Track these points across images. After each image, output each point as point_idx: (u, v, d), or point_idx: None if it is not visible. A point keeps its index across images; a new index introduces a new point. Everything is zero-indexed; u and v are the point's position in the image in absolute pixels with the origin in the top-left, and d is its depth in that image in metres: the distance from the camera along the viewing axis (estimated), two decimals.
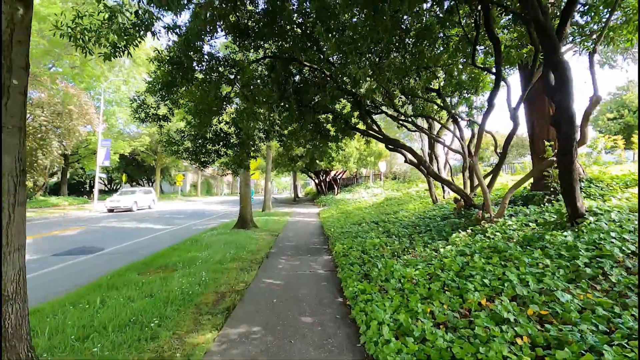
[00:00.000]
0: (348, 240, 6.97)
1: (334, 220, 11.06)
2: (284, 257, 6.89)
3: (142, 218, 16.52)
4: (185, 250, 7.47)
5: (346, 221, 10.08)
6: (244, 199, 10.75)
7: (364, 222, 9.20)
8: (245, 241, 8.37)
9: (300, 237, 9.34)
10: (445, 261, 4.20)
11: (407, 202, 11.01)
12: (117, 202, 20.74)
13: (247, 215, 10.61)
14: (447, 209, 8.03)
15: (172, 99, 6.17)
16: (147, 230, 12.09)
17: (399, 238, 6.41)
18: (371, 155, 21.91)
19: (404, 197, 12.40)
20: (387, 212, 9.90)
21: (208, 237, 9.02)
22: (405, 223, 7.68)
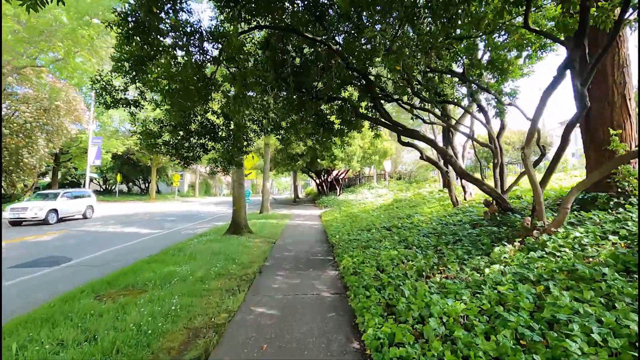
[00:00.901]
0: (358, 252, 5.78)
1: (339, 224, 9.87)
2: (280, 272, 5.69)
3: (128, 221, 15.34)
4: (164, 262, 6.29)
5: (352, 226, 8.89)
6: (237, 200, 9.56)
7: (374, 227, 8.01)
8: (236, 250, 7.18)
9: (300, 245, 8.15)
10: (501, 290, 3.01)
11: (420, 205, 9.83)
12: (22, 211, 13.36)
13: (240, 219, 9.42)
14: (473, 213, 6.84)
15: (143, 79, 4.99)
16: (131, 235, 10.91)
17: (421, 250, 5.22)
18: (376, 154, 20.71)
19: (416, 199, 11.21)
20: (399, 216, 8.70)
21: (194, 245, 7.84)
22: (424, 230, 6.48)
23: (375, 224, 8.40)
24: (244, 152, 7.37)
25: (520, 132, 18.64)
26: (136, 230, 12.20)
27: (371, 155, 20.69)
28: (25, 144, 19.69)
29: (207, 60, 5.45)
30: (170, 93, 5.03)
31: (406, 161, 32.23)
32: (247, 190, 15.51)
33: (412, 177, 24.14)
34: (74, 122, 24.04)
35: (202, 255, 6.75)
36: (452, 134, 8.47)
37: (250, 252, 7.24)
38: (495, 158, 6.41)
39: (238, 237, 8.87)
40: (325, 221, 12.23)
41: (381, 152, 20.62)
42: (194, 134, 6.80)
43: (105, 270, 6.20)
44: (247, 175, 15.39)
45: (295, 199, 32.76)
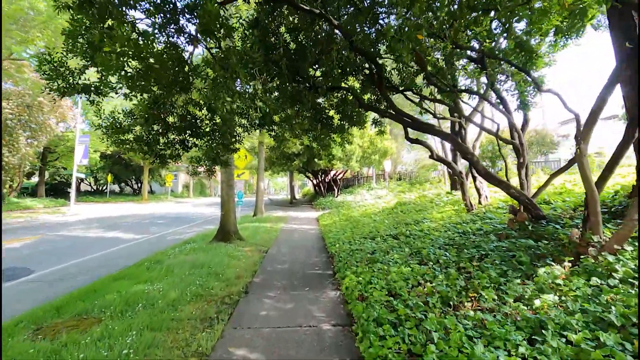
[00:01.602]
0: (363, 268, 4.87)
1: (338, 230, 8.96)
2: (271, 292, 4.77)
3: (113, 224, 14.35)
4: (134, 278, 5.36)
5: (354, 233, 7.98)
6: (225, 203, 8.62)
7: (378, 235, 7.11)
8: (221, 262, 6.25)
9: (295, 255, 7.23)
10: (574, 340, 2.12)
11: (427, 209, 8.95)
12: None
13: (229, 225, 8.48)
14: (495, 220, 5.96)
15: (101, 60, 4.04)
16: (111, 241, 9.95)
17: (441, 268, 4.32)
18: (376, 153, 19.82)
19: (421, 202, 10.34)
20: (406, 222, 7.81)
21: (175, 255, 6.90)
22: (439, 240, 5.58)
23: (380, 230, 7.50)
24: (231, 150, 6.44)
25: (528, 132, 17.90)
26: (118, 235, 11.24)
27: (371, 154, 19.80)
28: (6, 142, 18.62)
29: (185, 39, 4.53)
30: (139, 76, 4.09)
31: (406, 161, 31.40)
32: (239, 191, 14.58)
33: (412, 178, 23.31)
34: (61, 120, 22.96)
35: (181, 268, 5.82)
36: (464, 131, 7.60)
37: (238, 264, 6.31)
38: (520, 157, 5.52)
39: (226, 245, 7.94)
40: (323, 225, 11.32)
41: (381, 152, 19.74)
42: (172, 129, 5.86)
43: (66, 288, 5.27)
44: (240, 175, 14.49)
45: (292, 200, 31.81)
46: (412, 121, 5.10)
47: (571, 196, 5.80)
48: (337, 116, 7.96)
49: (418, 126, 5.16)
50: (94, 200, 32.82)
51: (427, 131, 5.24)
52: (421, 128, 5.18)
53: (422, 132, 5.42)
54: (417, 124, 5.12)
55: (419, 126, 5.15)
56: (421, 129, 5.20)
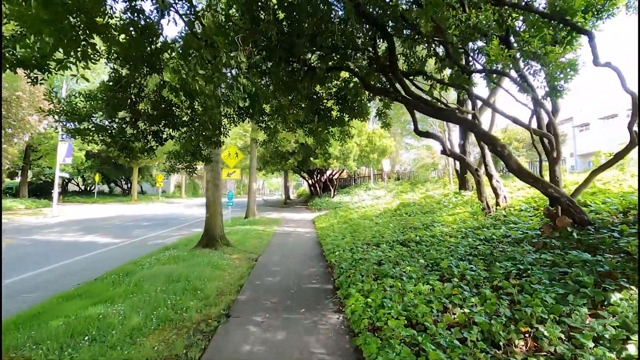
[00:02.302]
0: (370, 283, 4.00)
1: (336, 234, 8.08)
2: (258, 315, 3.88)
3: (94, 227, 13.32)
4: (93, 296, 4.43)
5: (355, 238, 7.10)
6: (211, 205, 7.69)
7: (383, 241, 6.24)
8: (202, 275, 5.34)
9: (289, 264, 6.34)
10: None
11: (435, 210, 8.11)
12: None
13: (215, 229, 7.55)
14: (520, 224, 5.13)
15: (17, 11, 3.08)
16: (85, 246, 8.96)
17: (470, 287, 3.46)
18: (374, 152, 18.97)
19: (427, 203, 9.50)
20: (413, 226, 6.95)
21: (150, 266, 5.98)
22: (459, 249, 4.72)
23: (385, 235, 6.63)
24: (213, 144, 5.53)
25: None
26: (96, 240, 10.25)
27: (369, 153, 18.95)
28: None
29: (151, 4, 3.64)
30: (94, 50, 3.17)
31: (404, 161, 30.58)
32: (230, 191, 13.67)
33: (411, 178, 22.54)
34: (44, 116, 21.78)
35: (153, 283, 4.89)
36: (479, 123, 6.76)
37: (222, 277, 5.40)
38: (553, 150, 4.69)
39: (210, 252, 7.01)
40: (319, 228, 10.43)
41: (380, 150, 18.89)
42: (143, 117, 4.94)
43: (11, 308, 4.31)
44: (230, 174, 13.57)
45: (286, 200, 30.88)
46: (429, 107, 4.24)
47: (612, 197, 4.98)
48: (336, 107, 7.11)
49: (436, 113, 4.31)
50: (80, 201, 31.59)
51: (447, 118, 4.39)
52: (440, 114, 4.32)
53: (441, 119, 4.58)
54: (436, 110, 4.27)
55: (437, 113, 4.30)
56: (440, 115, 4.35)
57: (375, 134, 19.05)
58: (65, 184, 39.39)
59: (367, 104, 6.83)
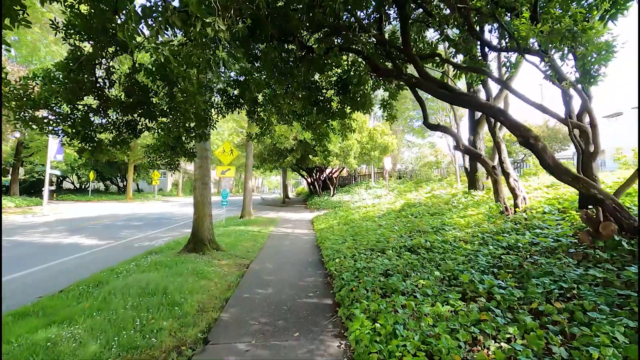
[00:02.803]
0: (377, 301, 3.34)
1: (336, 237, 7.42)
2: (242, 342, 3.21)
3: (81, 227, 12.64)
4: (51, 313, 3.78)
5: (357, 242, 6.44)
6: (199, 206, 7.01)
7: (389, 246, 5.57)
8: (183, 285, 4.67)
9: (283, 272, 5.68)
10: None
11: (444, 212, 7.45)
12: None
13: (203, 232, 6.88)
14: (548, 229, 4.47)
15: None
16: (66, 249, 8.30)
17: (503, 312, 2.80)
18: (375, 149, 18.29)
19: (433, 203, 8.84)
20: (422, 229, 6.28)
21: (127, 273, 5.32)
22: (479, 259, 4.06)
23: (390, 240, 5.97)
24: (197, 137, 4.87)
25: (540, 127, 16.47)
26: (80, 241, 9.58)
27: (370, 150, 18.26)
28: None
29: None
30: None
31: (406, 159, 29.85)
32: (225, 190, 13.02)
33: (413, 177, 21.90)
34: None
35: (125, 296, 4.24)
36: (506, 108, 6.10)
37: (206, 288, 4.74)
38: (589, 145, 4.02)
39: (197, 257, 6.35)
40: (318, 230, 9.77)
41: (381, 148, 18.21)
42: (114, 105, 4.27)
43: None
44: (225, 172, 12.91)
45: (285, 199, 30.21)
46: (446, 90, 3.57)
47: None
48: (336, 98, 6.44)
49: (455, 97, 3.63)
50: (74, 199, 30.87)
51: (467, 104, 3.72)
52: (458, 99, 3.65)
53: (459, 104, 3.92)
54: (454, 95, 3.59)
55: (456, 97, 3.63)
56: (458, 100, 3.67)
57: (377, 130, 18.38)
58: (60, 181, 38.69)
59: (370, 94, 6.17)
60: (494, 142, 6.34)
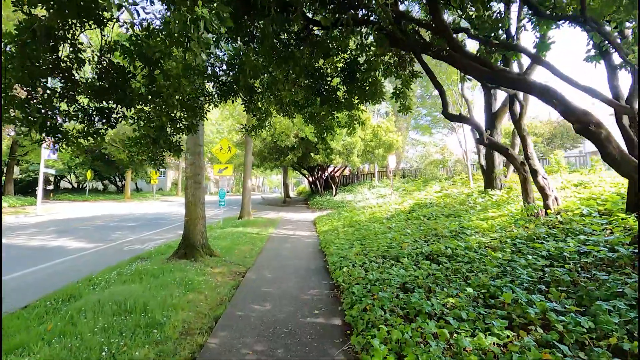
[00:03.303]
0: (401, 331, 2.68)
1: (342, 242, 6.75)
2: None
3: (72, 228, 12.02)
4: (5, 336, 3.12)
5: (366, 248, 5.78)
6: (191, 207, 6.35)
7: (404, 253, 4.90)
8: (167, 300, 4.02)
9: (284, 284, 5.01)
10: None
11: (461, 213, 6.78)
12: None
13: (195, 236, 6.22)
14: (595, 235, 3.80)
15: None
16: (50, 253, 7.69)
17: (572, 351, 2.14)
18: (379, 147, 17.60)
19: (447, 203, 8.17)
20: (438, 234, 5.61)
21: (106, 284, 4.69)
22: (519, 272, 3.38)
23: (404, 246, 5.30)
24: (184, 129, 4.21)
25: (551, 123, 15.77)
26: (66, 244, 8.97)
27: (374, 148, 17.58)
28: None
29: None
30: None
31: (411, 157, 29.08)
32: (222, 189, 12.39)
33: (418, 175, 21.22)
34: None
35: (97, 314, 3.59)
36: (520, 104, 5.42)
37: (194, 303, 4.09)
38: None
39: (188, 264, 5.70)
40: (321, 232, 9.11)
41: (386, 145, 17.52)
42: (85, 89, 3.62)
43: None
44: (222, 170, 12.27)
45: (285, 199, 29.56)
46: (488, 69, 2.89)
47: None
48: (342, 87, 5.78)
49: (496, 76, 2.95)
50: (71, 199, 30.30)
51: (513, 84, 3.03)
52: (501, 78, 2.95)
53: (505, 84, 3.23)
54: (496, 73, 2.91)
55: (497, 76, 2.94)
56: (501, 78, 2.97)
57: (381, 127, 17.70)
58: (58, 181, 38.11)
59: (381, 82, 5.50)
60: (519, 136, 5.66)
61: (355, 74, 5.53)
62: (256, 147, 19.92)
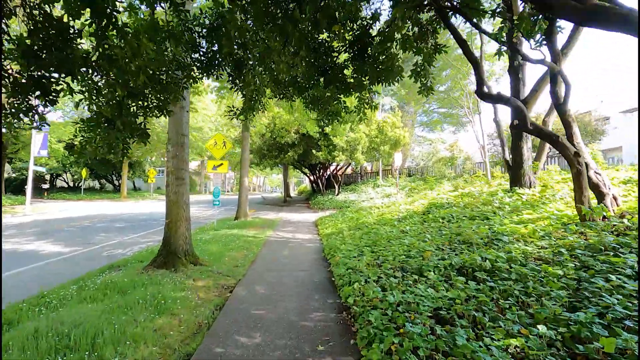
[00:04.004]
0: None
1: (349, 248, 5.80)
2: None
3: (57, 229, 11.10)
4: None
5: (379, 257, 4.83)
6: (172, 207, 5.41)
7: (427, 265, 3.95)
8: (127, 329, 3.09)
9: (279, 305, 4.06)
10: None
11: (488, 215, 5.80)
12: None
13: (177, 241, 5.27)
14: None
15: None
16: (21, 257, 6.85)
17: None
18: (385, 144, 16.63)
19: (467, 203, 7.20)
20: (467, 240, 4.65)
21: (61, 301, 3.77)
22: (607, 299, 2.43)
23: (426, 255, 4.34)
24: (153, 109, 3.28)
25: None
26: (42, 248, 8.07)
27: (379, 145, 16.61)
28: None
29: None
30: None
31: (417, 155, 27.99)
32: (217, 187, 11.46)
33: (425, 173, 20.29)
34: None
35: (25, 351, 2.66)
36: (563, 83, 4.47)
37: (163, 332, 3.15)
38: None
39: (167, 275, 4.76)
40: (324, 236, 8.17)
41: (392, 142, 16.54)
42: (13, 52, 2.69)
43: None
44: (217, 167, 11.35)
45: (286, 198, 28.61)
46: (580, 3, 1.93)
47: None
48: (351, 66, 4.85)
49: (598, 16, 1.97)
50: (66, 198, 29.44)
51: (618, 25, 2.07)
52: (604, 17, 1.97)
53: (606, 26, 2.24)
54: (599, 10, 1.94)
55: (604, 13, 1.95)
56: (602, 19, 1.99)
57: (387, 123, 16.71)
58: (54, 179, 37.29)
59: (398, 57, 4.55)
60: (563, 122, 4.71)
61: (366, 48, 4.59)
62: (255, 144, 18.99)
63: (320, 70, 4.81)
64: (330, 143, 15.82)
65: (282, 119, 16.13)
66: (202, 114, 31.35)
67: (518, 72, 6.73)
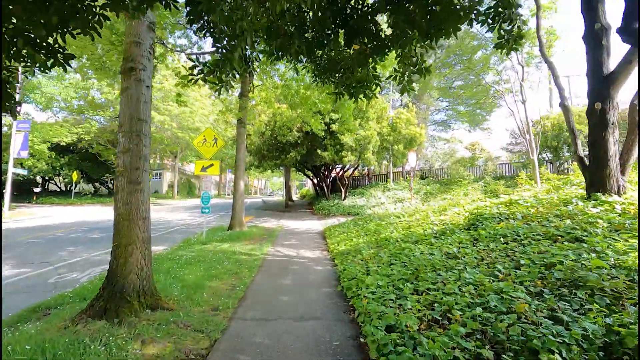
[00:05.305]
0: None
1: (380, 281, 4.03)
2: None
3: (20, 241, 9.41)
4: None
5: (430, 301, 3.10)
6: (121, 225, 3.70)
7: (532, 334, 2.23)
8: None
9: None
10: None
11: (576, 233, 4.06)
12: None
13: (126, 275, 3.54)
14: None
15: None
16: None
17: None
18: (399, 142, 14.89)
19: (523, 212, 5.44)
20: (567, 278, 2.93)
21: None
22: None
23: (519, 309, 2.61)
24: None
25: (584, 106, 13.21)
26: None
27: (392, 143, 14.87)
28: None
29: None
30: None
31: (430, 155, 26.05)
32: (206, 192, 9.77)
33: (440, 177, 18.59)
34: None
35: None
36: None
37: None
38: None
39: (104, 331, 3.04)
40: (337, 255, 6.44)
41: (406, 140, 14.80)
42: None
43: None
44: (206, 168, 9.66)
45: (288, 202, 26.86)
46: None
47: None
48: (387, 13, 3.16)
49: None
50: (55, 202, 27.83)
51: None
52: None
53: None
54: None
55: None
56: None
57: (400, 119, 15.00)
58: (46, 183, 35.70)
59: None
60: None
61: None
62: (254, 143, 17.30)
63: (340, 15, 3.13)
64: (337, 142, 14.12)
65: (283, 116, 14.46)
66: (199, 114, 29.74)
67: (601, 38, 5.02)
